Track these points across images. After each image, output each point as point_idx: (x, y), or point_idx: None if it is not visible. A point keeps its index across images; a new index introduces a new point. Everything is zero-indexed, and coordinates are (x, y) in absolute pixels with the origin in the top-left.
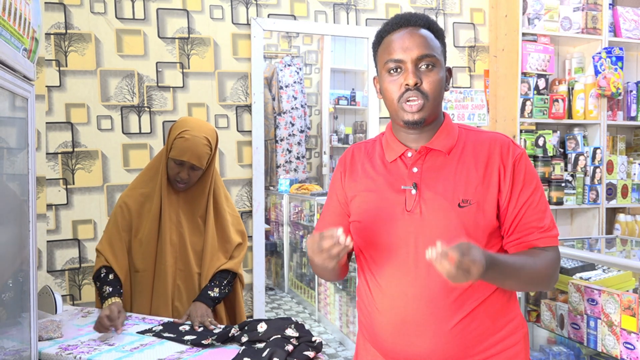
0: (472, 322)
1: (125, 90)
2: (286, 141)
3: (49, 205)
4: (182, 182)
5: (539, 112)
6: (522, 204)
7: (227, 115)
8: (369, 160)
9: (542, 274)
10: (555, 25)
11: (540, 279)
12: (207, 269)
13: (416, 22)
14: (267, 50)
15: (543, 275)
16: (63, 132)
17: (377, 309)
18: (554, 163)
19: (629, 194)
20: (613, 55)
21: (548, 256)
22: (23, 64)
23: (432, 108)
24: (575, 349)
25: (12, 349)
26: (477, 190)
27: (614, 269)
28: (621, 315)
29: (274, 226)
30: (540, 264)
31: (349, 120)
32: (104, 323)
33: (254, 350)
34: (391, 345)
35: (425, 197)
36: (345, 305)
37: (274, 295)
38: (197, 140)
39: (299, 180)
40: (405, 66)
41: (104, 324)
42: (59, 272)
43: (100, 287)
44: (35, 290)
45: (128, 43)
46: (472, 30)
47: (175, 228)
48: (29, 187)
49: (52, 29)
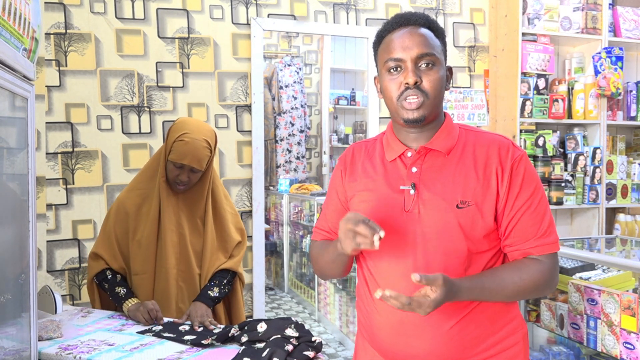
0: (471, 323)
1: (125, 90)
2: (286, 141)
3: (48, 205)
4: (182, 184)
5: (539, 112)
6: (519, 207)
7: (227, 115)
8: (369, 160)
9: (529, 288)
10: (555, 25)
11: (528, 292)
12: (207, 268)
13: (416, 21)
14: (267, 50)
15: (531, 288)
16: (63, 132)
17: (375, 309)
18: (554, 163)
19: (628, 194)
20: (613, 55)
21: (540, 267)
22: (23, 63)
23: (432, 106)
24: (575, 349)
25: (12, 348)
26: (475, 192)
27: (614, 268)
28: (621, 315)
29: (273, 226)
30: (527, 278)
31: (349, 120)
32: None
33: (254, 350)
34: (390, 345)
35: (423, 197)
36: (345, 305)
37: (273, 295)
38: (197, 143)
39: (299, 180)
40: (405, 65)
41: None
42: (58, 272)
43: (111, 287)
44: (35, 290)
45: (128, 43)
46: (472, 30)
47: (176, 229)
48: (28, 187)
49: (52, 29)
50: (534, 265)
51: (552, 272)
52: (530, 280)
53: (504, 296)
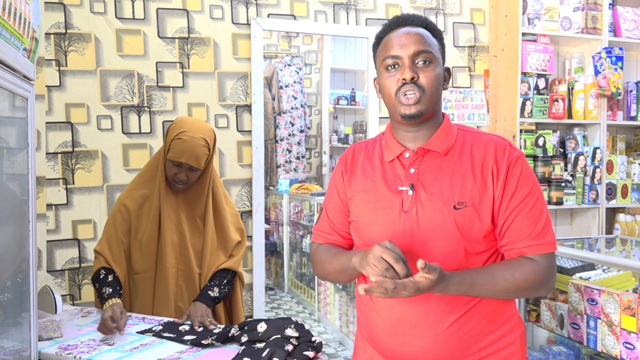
0: (468, 322)
1: (125, 90)
2: (286, 141)
3: (48, 205)
4: (181, 182)
5: (539, 112)
6: (513, 207)
7: (227, 115)
8: (368, 160)
9: (522, 287)
10: (555, 25)
11: (521, 290)
12: (207, 268)
13: (414, 21)
14: (267, 50)
15: (523, 287)
16: (63, 132)
17: (374, 308)
18: (554, 163)
19: (628, 194)
20: (613, 55)
21: (534, 267)
22: (23, 63)
23: (429, 102)
24: (575, 348)
25: (12, 348)
26: (472, 193)
27: (614, 268)
28: (621, 315)
29: (273, 226)
30: (520, 277)
31: (349, 120)
32: (108, 325)
33: (254, 350)
34: (388, 344)
35: (421, 198)
36: (345, 305)
37: (273, 295)
38: (194, 141)
39: (299, 180)
40: (402, 62)
41: (108, 325)
42: (58, 272)
43: (99, 288)
44: (35, 290)
45: (128, 43)
46: (472, 30)
47: (176, 228)
48: (28, 187)
49: (52, 29)
50: (528, 264)
51: (547, 272)
52: (524, 279)
53: (495, 293)
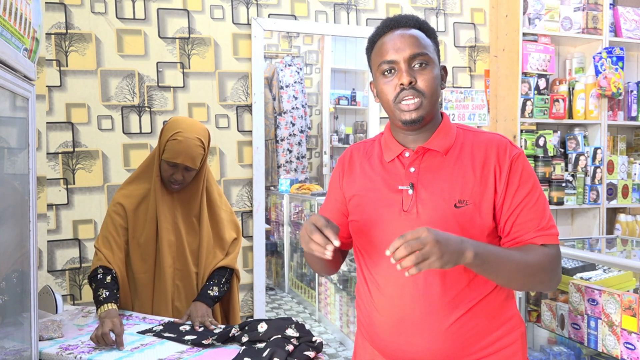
0: (469, 321)
1: (126, 90)
2: (287, 141)
3: (49, 205)
4: (177, 183)
5: (540, 112)
6: (518, 204)
7: (227, 115)
8: (367, 160)
9: (535, 268)
10: (556, 25)
11: (534, 273)
12: (204, 267)
13: (406, 23)
14: (268, 50)
15: (536, 269)
16: (63, 132)
17: (375, 308)
18: (555, 163)
19: (629, 194)
20: (614, 55)
21: (544, 251)
22: (24, 63)
23: (429, 106)
24: (575, 349)
25: (12, 348)
26: (473, 191)
27: (615, 269)
28: (622, 315)
29: (274, 226)
30: (533, 258)
31: (350, 120)
32: (108, 340)
33: (255, 350)
34: (389, 344)
35: (422, 197)
36: (346, 305)
37: (274, 295)
38: (190, 141)
39: (300, 180)
40: (399, 66)
41: (108, 340)
42: (59, 272)
43: (96, 289)
44: (36, 290)
45: (128, 43)
46: (472, 30)
47: (172, 228)
48: (29, 187)
49: (53, 29)
50: (539, 249)
51: (557, 260)
52: (535, 260)
53: (511, 271)
